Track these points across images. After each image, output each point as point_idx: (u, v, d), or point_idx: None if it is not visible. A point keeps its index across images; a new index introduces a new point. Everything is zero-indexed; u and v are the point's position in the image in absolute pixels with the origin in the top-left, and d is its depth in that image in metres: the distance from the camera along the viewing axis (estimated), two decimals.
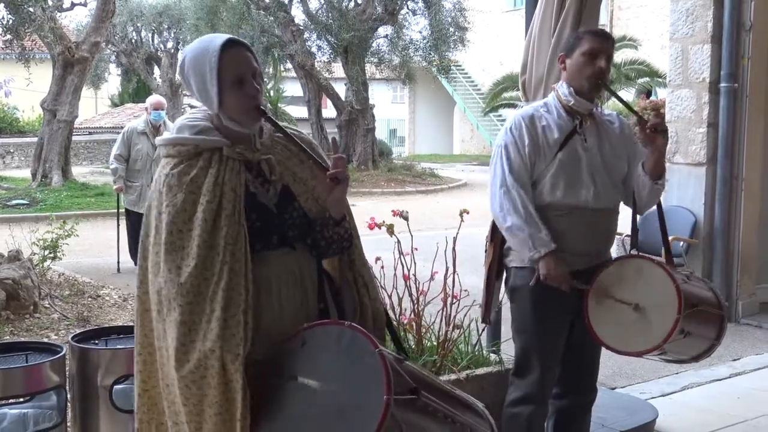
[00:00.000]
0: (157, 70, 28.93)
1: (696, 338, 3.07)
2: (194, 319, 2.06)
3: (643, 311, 3.01)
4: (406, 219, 3.74)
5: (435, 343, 3.75)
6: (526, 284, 3.15)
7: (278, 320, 2.15)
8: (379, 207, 14.10)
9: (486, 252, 3.37)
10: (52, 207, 14.14)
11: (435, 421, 2.07)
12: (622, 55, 19.74)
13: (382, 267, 3.73)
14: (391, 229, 3.73)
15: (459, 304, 3.76)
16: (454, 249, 3.70)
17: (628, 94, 20.56)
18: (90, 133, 27.19)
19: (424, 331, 3.78)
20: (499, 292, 3.40)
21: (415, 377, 2.06)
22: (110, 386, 3.19)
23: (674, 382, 5.10)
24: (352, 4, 21.44)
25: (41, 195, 15.70)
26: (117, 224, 9.00)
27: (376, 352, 1.94)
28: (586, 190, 3.09)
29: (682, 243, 6.58)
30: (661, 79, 18.54)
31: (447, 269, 3.75)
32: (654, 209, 3.34)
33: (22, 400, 3.22)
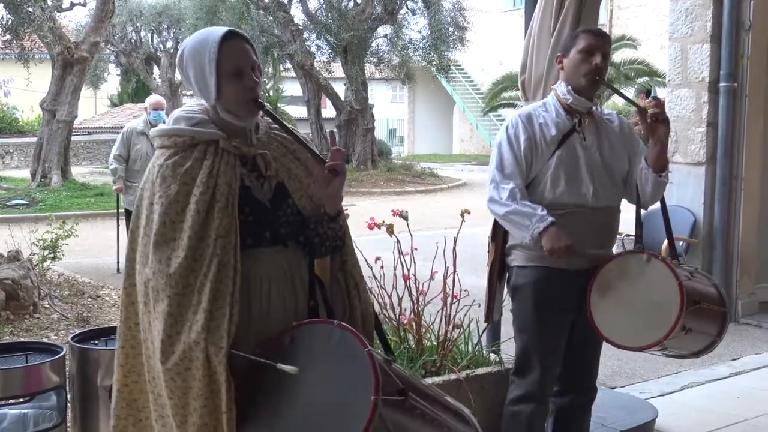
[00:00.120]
0: (156, 70, 28.93)
1: (697, 334, 3.06)
2: (181, 311, 2.03)
3: (645, 307, 3.01)
4: (406, 219, 3.74)
5: (435, 343, 3.75)
6: (528, 283, 3.16)
7: (266, 317, 2.14)
8: (379, 207, 14.11)
9: (488, 252, 3.37)
10: (52, 207, 14.15)
11: (422, 424, 2.05)
12: (622, 55, 19.75)
13: (382, 267, 3.73)
14: (390, 229, 3.73)
15: (459, 304, 3.75)
16: (454, 249, 3.69)
17: (628, 94, 20.53)
18: (89, 133, 27.21)
19: (424, 330, 3.78)
20: (503, 291, 3.40)
21: (405, 380, 2.05)
22: (110, 386, 3.16)
23: (674, 381, 5.10)
24: (351, 3, 21.44)
25: (41, 195, 15.71)
26: (117, 224, 9.00)
27: (366, 352, 1.93)
28: (586, 189, 3.08)
29: (682, 243, 6.58)
30: (660, 79, 18.53)
31: (447, 269, 3.74)
32: (655, 208, 3.34)
33: (22, 400, 3.22)
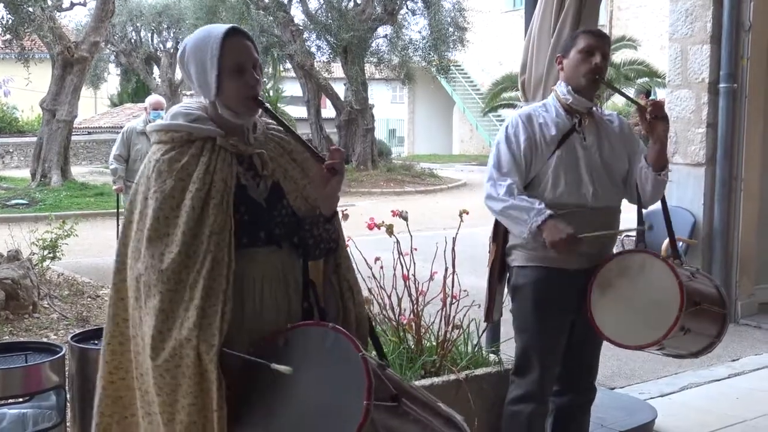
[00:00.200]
0: (156, 70, 28.93)
1: (696, 335, 3.07)
2: (173, 307, 2.02)
3: (645, 306, 3.02)
4: (406, 219, 3.74)
5: (434, 344, 3.75)
6: (528, 283, 3.16)
7: (259, 316, 2.13)
8: (379, 207, 14.10)
9: (489, 251, 3.38)
10: (52, 207, 14.14)
11: (414, 429, 2.03)
12: (622, 56, 19.75)
13: (382, 267, 3.73)
14: (390, 230, 3.73)
15: (458, 305, 3.75)
16: (453, 249, 3.69)
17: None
18: (89, 133, 27.20)
19: (424, 331, 3.78)
20: (503, 291, 3.41)
21: (398, 385, 2.04)
22: None
23: (673, 382, 5.10)
24: (351, 4, 21.44)
25: (40, 195, 15.71)
26: (116, 224, 9.00)
27: (360, 356, 1.92)
28: (586, 189, 3.09)
29: (682, 243, 6.57)
30: (660, 80, 18.53)
31: (446, 269, 3.74)
32: (655, 208, 3.34)
33: (21, 400, 3.21)
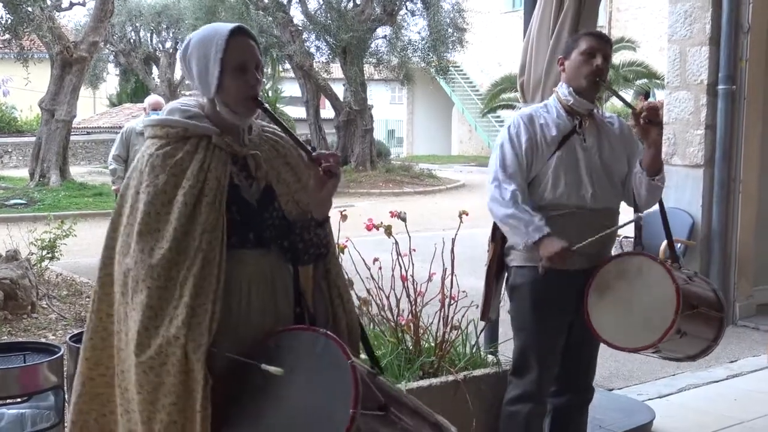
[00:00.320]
0: (155, 70, 28.91)
1: (693, 338, 3.07)
2: (161, 304, 2.00)
3: (642, 308, 3.02)
4: (404, 220, 3.74)
5: (433, 344, 3.75)
6: (526, 283, 3.17)
7: (245, 318, 2.12)
8: (377, 208, 14.10)
9: (487, 251, 3.38)
10: (50, 207, 14.11)
11: None
12: (621, 57, 19.76)
13: (380, 268, 3.74)
14: (389, 230, 3.73)
15: (457, 306, 3.76)
16: (452, 250, 3.69)
17: (627, 96, 20.57)
18: (88, 133, 27.18)
19: (422, 332, 3.78)
20: (500, 291, 3.41)
21: (387, 394, 2.02)
22: None
23: (671, 383, 5.11)
24: (350, 4, 21.43)
25: (39, 195, 15.69)
26: None
27: (349, 363, 1.91)
28: (585, 190, 3.10)
29: (680, 245, 6.58)
30: (659, 81, 18.56)
31: (445, 270, 3.75)
32: (653, 210, 3.35)
33: (19, 400, 3.21)
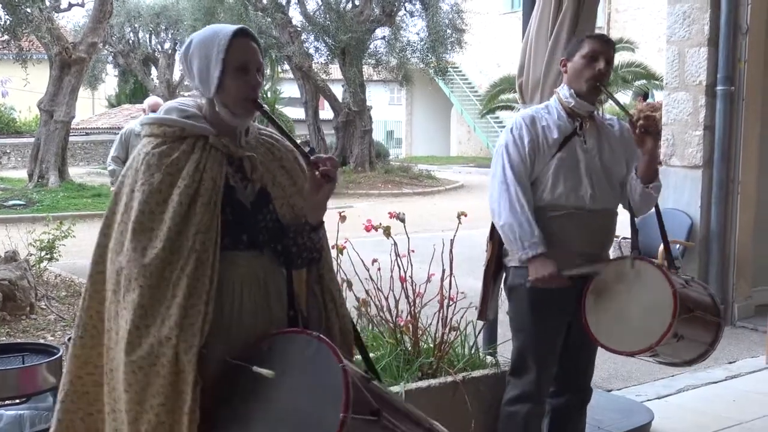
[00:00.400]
0: (154, 71, 28.91)
1: (690, 342, 3.08)
2: (153, 303, 2.00)
3: (639, 312, 3.03)
4: (403, 221, 3.74)
5: (431, 345, 3.75)
6: (525, 283, 3.17)
7: (237, 320, 2.12)
8: (376, 209, 14.12)
9: (486, 250, 3.39)
10: (49, 208, 14.11)
11: None
12: (619, 58, 19.74)
13: (379, 269, 3.74)
14: (387, 231, 3.73)
15: (455, 306, 3.76)
16: (450, 251, 3.70)
17: (625, 97, 20.60)
18: (87, 134, 27.18)
19: (421, 333, 3.78)
20: (498, 291, 3.42)
21: (381, 399, 2.01)
22: None
23: (670, 384, 5.11)
24: (349, 5, 21.43)
25: (38, 196, 15.68)
26: None
27: (340, 366, 1.90)
28: (584, 192, 3.11)
29: (679, 246, 6.58)
30: (658, 82, 18.57)
31: (444, 271, 3.75)
32: (653, 212, 3.36)
33: (18, 401, 3.21)
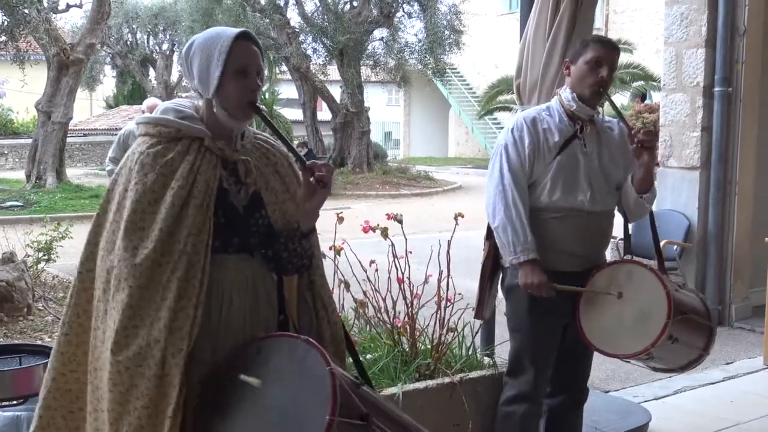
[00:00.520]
0: (152, 72, 28.91)
1: (684, 346, 3.10)
2: (142, 304, 1.99)
3: (634, 315, 3.05)
4: (401, 222, 3.74)
5: (429, 346, 3.75)
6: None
7: (225, 324, 2.11)
8: (374, 210, 14.12)
9: (483, 249, 3.39)
10: (47, 209, 14.09)
11: None
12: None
13: (377, 270, 3.73)
14: (385, 232, 3.73)
15: (453, 308, 3.76)
16: (448, 252, 3.70)
17: (623, 98, 20.62)
18: (85, 135, 27.16)
19: (418, 334, 3.78)
20: (495, 291, 3.42)
21: (370, 404, 2.00)
22: None
23: (667, 385, 5.11)
24: (347, 6, 21.45)
25: (35, 197, 15.66)
26: None
27: (328, 370, 1.90)
28: (583, 194, 3.12)
29: (676, 247, 6.59)
30: (655, 83, 18.57)
31: (441, 272, 3.75)
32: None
33: (15, 402, 3.21)
